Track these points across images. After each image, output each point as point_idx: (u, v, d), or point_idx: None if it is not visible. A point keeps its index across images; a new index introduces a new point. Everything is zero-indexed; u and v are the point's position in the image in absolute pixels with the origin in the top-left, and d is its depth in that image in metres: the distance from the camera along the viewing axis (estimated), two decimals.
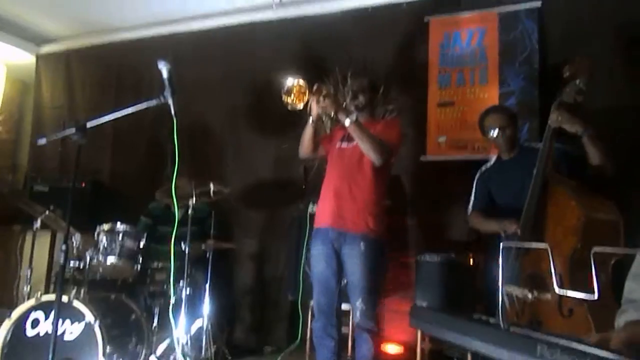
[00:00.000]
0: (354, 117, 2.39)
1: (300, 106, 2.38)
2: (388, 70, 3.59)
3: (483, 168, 2.78)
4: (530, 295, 2.04)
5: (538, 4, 3.17)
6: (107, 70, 4.63)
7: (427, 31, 3.50)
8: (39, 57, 4.97)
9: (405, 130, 3.43)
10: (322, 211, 2.55)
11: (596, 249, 1.11)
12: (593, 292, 1.10)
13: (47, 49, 4.95)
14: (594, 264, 1.06)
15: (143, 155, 4.39)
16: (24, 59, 4.94)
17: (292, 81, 2.35)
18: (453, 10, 3.43)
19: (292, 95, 2.35)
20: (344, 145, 2.60)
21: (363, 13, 3.72)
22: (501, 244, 1.34)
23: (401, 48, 3.60)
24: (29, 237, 3.78)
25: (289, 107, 2.38)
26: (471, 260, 2.90)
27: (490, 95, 3.26)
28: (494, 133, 2.55)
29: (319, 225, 2.55)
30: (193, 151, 4.16)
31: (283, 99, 2.35)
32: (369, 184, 2.49)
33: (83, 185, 4.28)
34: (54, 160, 4.69)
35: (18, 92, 5.28)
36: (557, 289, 1.52)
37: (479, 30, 3.36)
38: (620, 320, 1.34)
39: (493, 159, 2.74)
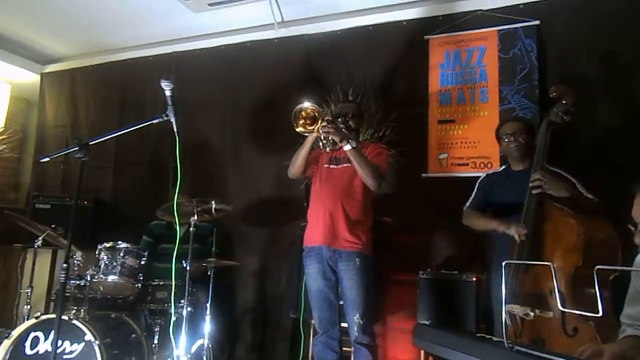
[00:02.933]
0: (354, 143, 2.50)
1: (311, 132, 2.44)
2: (388, 88, 3.62)
3: (490, 171, 2.81)
4: (531, 314, 2.02)
5: (536, 22, 3.21)
6: (110, 89, 4.67)
7: (427, 49, 3.53)
8: (43, 77, 5.02)
9: (406, 147, 3.47)
10: (315, 230, 2.63)
11: (599, 267, 1.10)
12: (597, 310, 1.09)
13: (51, 68, 5.01)
14: (597, 281, 1.06)
15: (145, 173, 4.40)
16: (29, 78, 5.00)
17: (301, 106, 2.42)
18: (452, 29, 3.47)
19: (301, 120, 2.42)
20: (332, 166, 2.72)
21: (363, 31, 3.76)
22: (503, 262, 1.33)
23: (401, 66, 3.63)
24: (30, 256, 3.78)
25: (301, 133, 2.45)
26: (474, 277, 2.88)
27: (491, 113, 3.28)
28: (507, 139, 2.60)
29: (312, 243, 2.64)
30: (195, 169, 4.18)
31: (300, 124, 2.42)
32: (360, 203, 2.62)
33: (85, 203, 4.29)
34: (56, 179, 4.71)
35: (22, 110, 5.32)
36: (560, 307, 1.50)
37: (479, 49, 3.39)
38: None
39: (502, 167, 2.76)
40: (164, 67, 4.29)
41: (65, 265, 1.95)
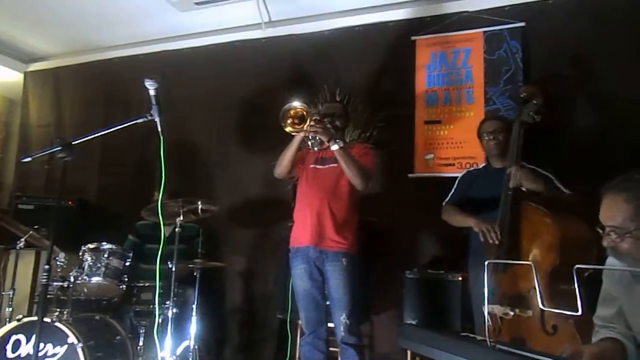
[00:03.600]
0: (341, 142, 2.51)
1: (300, 131, 2.45)
2: (375, 88, 3.63)
3: (471, 168, 2.86)
4: (511, 313, 2.05)
5: (522, 23, 3.24)
6: (95, 88, 4.62)
7: (413, 50, 3.55)
8: (27, 75, 4.95)
9: (393, 147, 3.48)
10: (301, 230, 2.62)
11: (579, 265, 1.12)
12: (576, 309, 1.11)
13: (35, 66, 4.95)
14: (577, 280, 1.07)
15: (131, 173, 4.36)
16: (12, 76, 4.93)
17: (290, 105, 2.42)
18: (439, 30, 3.49)
19: (289, 120, 2.42)
20: (319, 166, 2.72)
21: (351, 32, 3.77)
22: (485, 262, 1.34)
23: (388, 67, 3.65)
24: (12, 257, 3.72)
25: (290, 132, 2.45)
26: (460, 277, 2.90)
27: (476, 114, 3.30)
28: (487, 137, 2.67)
29: (298, 244, 2.63)
30: (181, 169, 4.15)
31: (288, 123, 2.42)
32: (346, 203, 2.63)
33: (70, 203, 4.23)
34: (40, 179, 4.63)
35: (5, 109, 5.23)
36: (540, 306, 1.52)
37: (465, 50, 3.42)
38: (595, 340, 1.39)
39: (483, 164, 2.80)
40: (151, 66, 4.25)
41: (47, 266, 1.92)
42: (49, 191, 4.44)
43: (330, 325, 2.61)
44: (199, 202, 3.01)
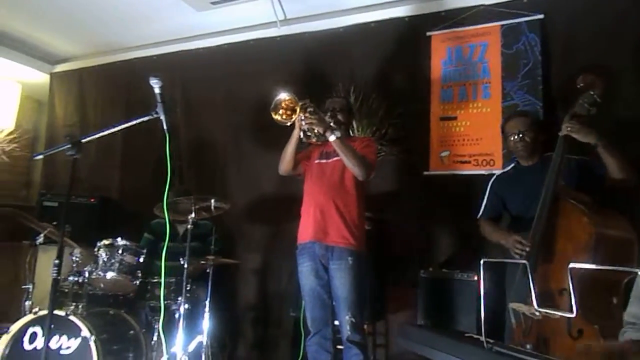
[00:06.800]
0: (338, 133, 2.47)
1: (290, 122, 2.42)
2: (390, 85, 3.59)
3: (500, 172, 2.76)
4: (537, 313, 1.97)
5: (540, 16, 3.14)
6: (116, 88, 4.72)
7: (429, 46, 3.49)
8: (52, 76, 5.10)
9: (409, 144, 3.43)
10: (307, 227, 2.60)
11: (573, 265, 1.06)
12: (571, 310, 1.05)
13: (60, 68, 5.09)
14: (571, 279, 1.02)
15: (151, 171, 4.43)
16: (39, 78, 5.08)
17: (280, 97, 2.40)
18: (455, 24, 3.41)
19: (281, 110, 2.39)
20: (323, 161, 2.68)
21: (365, 28, 3.73)
22: (481, 260, 1.30)
23: (403, 63, 3.60)
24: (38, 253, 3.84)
25: (279, 123, 2.42)
26: (475, 276, 2.84)
27: (493, 110, 3.22)
28: (513, 137, 2.54)
29: (304, 240, 2.61)
30: (198, 167, 4.20)
31: (272, 114, 2.40)
32: (352, 199, 2.57)
33: (92, 201, 4.34)
34: (66, 177, 4.76)
35: (33, 110, 5.42)
36: (536, 307, 1.46)
37: (481, 45, 3.33)
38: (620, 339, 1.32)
39: (511, 165, 2.71)
40: (168, 66, 4.32)
41: (57, 261, 1.96)
42: (73, 189, 4.55)
43: (335, 322, 2.58)
44: (212, 200, 3.04)
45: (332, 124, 2.62)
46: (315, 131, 2.53)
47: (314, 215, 2.55)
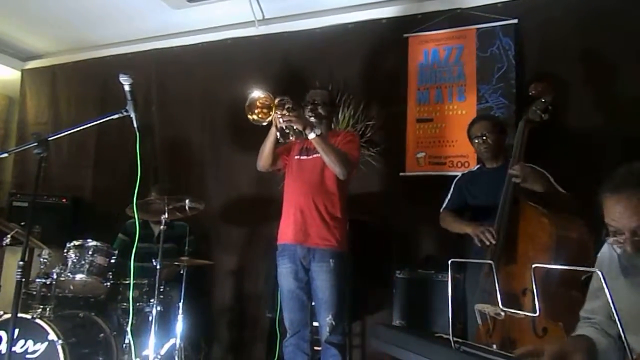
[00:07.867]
0: (318, 130, 2.39)
1: (265, 122, 2.37)
2: (368, 86, 3.60)
3: (465, 171, 2.80)
4: (502, 313, 1.99)
5: (514, 20, 3.19)
6: (90, 86, 4.61)
7: (406, 48, 3.50)
8: (24, 73, 4.97)
9: (385, 146, 3.44)
10: (287, 227, 2.54)
11: (536, 265, 1.08)
12: (534, 310, 1.06)
13: (32, 64, 4.96)
14: (534, 279, 1.03)
15: (125, 172, 4.35)
16: (10, 74, 4.95)
17: (255, 95, 2.34)
18: (432, 27, 3.44)
19: (257, 110, 2.34)
20: (303, 157, 2.61)
21: (343, 29, 3.73)
22: (449, 261, 1.31)
23: (381, 64, 3.61)
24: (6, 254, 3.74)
25: (254, 122, 2.37)
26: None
27: (468, 112, 3.25)
28: (477, 140, 2.59)
29: (284, 241, 2.54)
30: (174, 167, 4.14)
31: (247, 114, 2.35)
32: (333, 198, 2.51)
33: (64, 201, 4.25)
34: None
35: (4, 107, 5.27)
36: (500, 307, 1.47)
37: (457, 47, 3.37)
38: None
39: (477, 166, 2.75)
40: (144, 64, 4.25)
41: (21, 262, 1.90)
42: (44, 189, 4.45)
43: (314, 324, 2.56)
44: (187, 200, 2.99)
45: (312, 118, 2.54)
46: (295, 128, 2.42)
47: (294, 216, 2.49)
